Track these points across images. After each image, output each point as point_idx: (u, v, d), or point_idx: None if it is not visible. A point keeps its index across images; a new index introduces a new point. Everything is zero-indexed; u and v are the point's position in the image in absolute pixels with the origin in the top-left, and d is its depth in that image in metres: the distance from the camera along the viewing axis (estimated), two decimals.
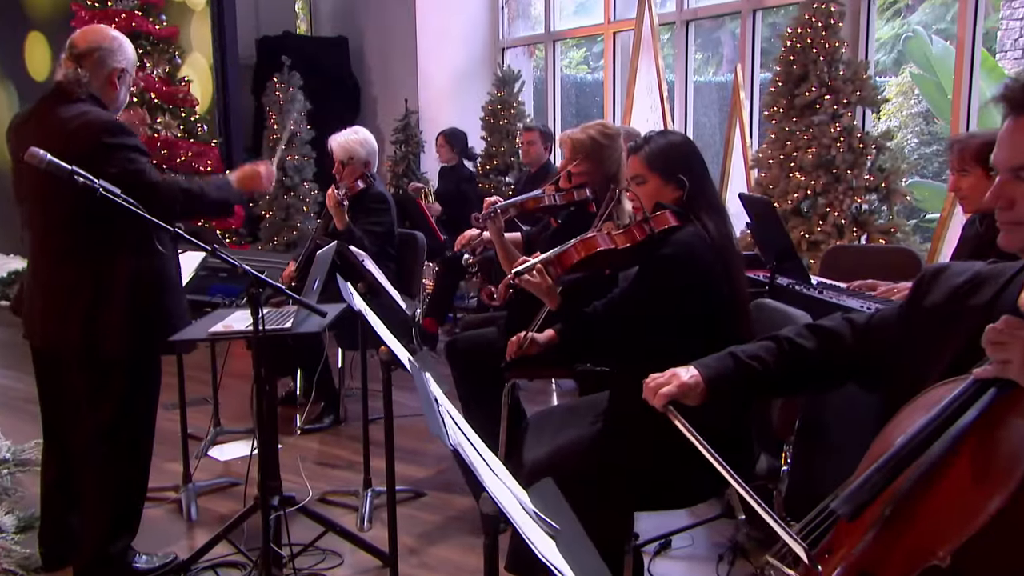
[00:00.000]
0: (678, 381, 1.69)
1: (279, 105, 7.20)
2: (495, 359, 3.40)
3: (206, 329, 2.53)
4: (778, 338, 1.74)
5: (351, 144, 4.41)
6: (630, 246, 2.39)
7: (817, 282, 3.33)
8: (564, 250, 2.40)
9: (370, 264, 3.05)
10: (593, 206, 3.27)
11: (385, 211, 4.40)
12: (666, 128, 6.06)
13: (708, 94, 8.83)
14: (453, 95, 8.01)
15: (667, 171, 2.42)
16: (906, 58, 9.02)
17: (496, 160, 7.30)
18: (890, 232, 4.45)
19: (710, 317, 2.31)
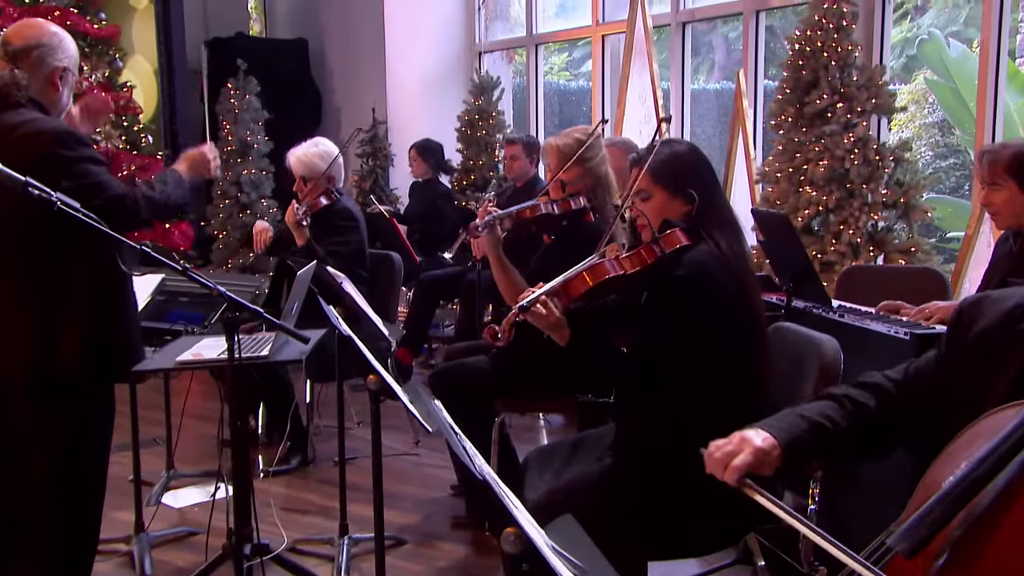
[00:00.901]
0: (751, 447, 1.64)
1: (234, 114, 7.22)
2: (484, 391, 3.45)
3: (173, 358, 2.54)
4: (835, 396, 1.75)
5: (310, 158, 4.45)
6: (640, 270, 2.43)
7: (838, 305, 3.39)
8: (569, 279, 2.43)
9: (349, 287, 3.08)
10: (590, 215, 3.35)
11: (352, 229, 4.43)
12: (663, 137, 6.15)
13: (705, 102, 8.97)
14: (425, 103, 8.08)
15: (674, 184, 2.47)
16: (919, 63, 9.21)
17: (473, 175, 7.37)
18: (910, 252, 4.54)
19: (726, 342, 2.36)
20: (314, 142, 4.52)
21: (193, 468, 4.33)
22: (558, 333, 2.49)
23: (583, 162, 3.36)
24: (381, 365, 2.41)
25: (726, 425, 2.32)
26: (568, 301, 2.45)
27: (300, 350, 2.53)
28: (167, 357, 2.58)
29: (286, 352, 2.57)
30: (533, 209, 3.36)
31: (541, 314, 2.44)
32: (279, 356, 2.54)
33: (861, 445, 1.73)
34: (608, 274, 2.42)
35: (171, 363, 2.50)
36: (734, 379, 2.38)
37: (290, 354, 2.55)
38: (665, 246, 2.42)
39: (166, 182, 2.85)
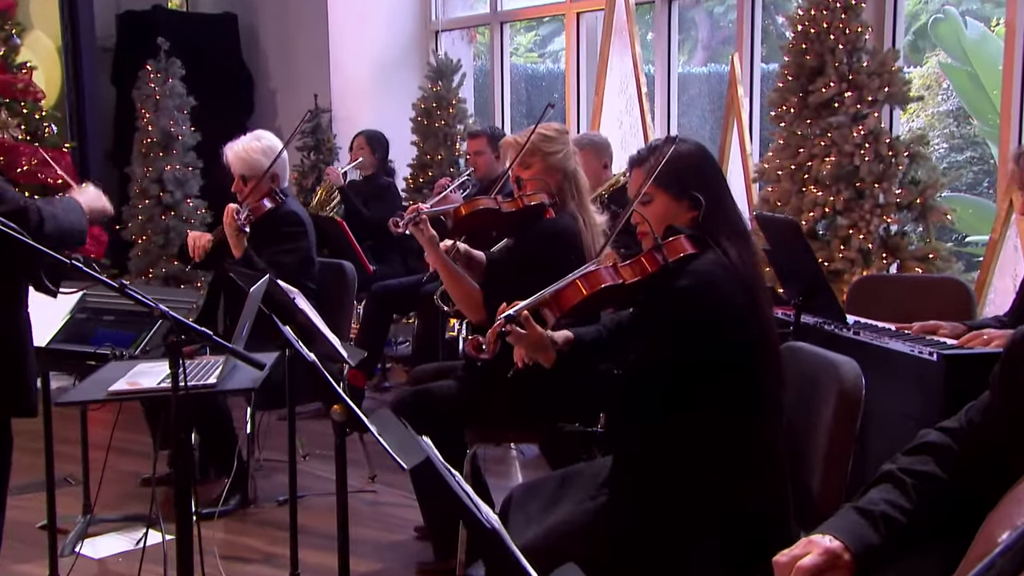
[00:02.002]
0: (820, 548, 1.63)
1: (154, 101, 7.17)
2: (454, 420, 3.48)
3: (104, 387, 2.53)
4: (894, 476, 1.74)
5: (251, 154, 4.42)
6: (640, 280, 2.48)
7: (853, 321, 3.46)
8: (561, 289, 2.46)
9: (303, 303, 3.09)
10: (551, 212, 3.41)
11: (300, 235, 4.42)
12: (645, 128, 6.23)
13: (692, 87, 9.07)
14: (375, 89, 8.09)
15: (678, 187, 2.52)
16: (930, 44, 9.39)
17: (431, 171, 7.38)
18: (927, 259, 4.65)
19: (736, 363, 2.41)
20: (255, 135, 4.50)
21: (114, 512, 4.29)
22: (543, 353, 2.52)
23: (545, 156, 3.44)
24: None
25: (737, 458, 2.38)
26: (559, 313, 2.48)
27: (253, 377, 2.53)
28: (97, 386, 2.58)
29: (236, 379, 2.58)
30: (472, 204, 3.42)
31: (521, 333, 2.46)
32: (229, 384, 2.54)
33: (941, 522, 1.72)
34: (604, 283, 2.46)
35: (102, 393, 2.50)
36: (745, 405, 2.42)
37: (241, 382, 2.56)
38: (668, 254, 2.47)
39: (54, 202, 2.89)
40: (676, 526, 2.39)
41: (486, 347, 2.43)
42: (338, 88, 8.08)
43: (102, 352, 3.18)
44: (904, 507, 1.68)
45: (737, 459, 2.40)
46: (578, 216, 3.42)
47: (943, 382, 2.85)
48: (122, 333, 3.30)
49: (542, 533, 2.47)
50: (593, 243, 3.38)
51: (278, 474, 4.75)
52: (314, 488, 4.56)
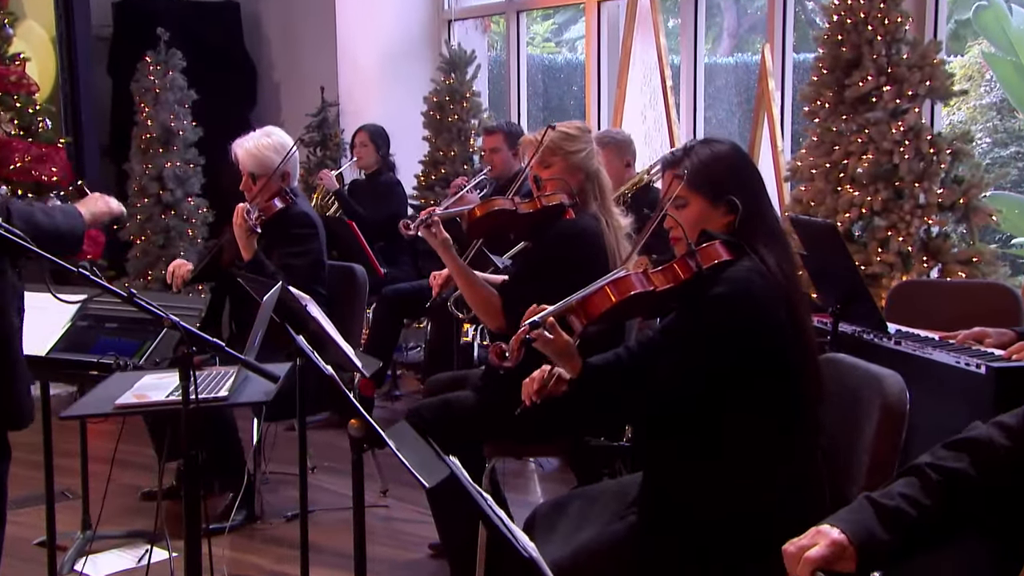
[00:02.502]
0: (827, 539, 1.73)
1: (153, 94, 7.21)
2: (472, 433, 3.49)
3: (111, 400, 2.56)
4: (921, 470, 1.79)
5: (262, 151, 4.45)
6: (672, 287, 2.49)
7: (895, 330, 3.47)
8: (589, 295, 2.48)
9: (315, 310, 3.11)
10: (571, 213, 3.44)
11: (311, 237, 4.45)
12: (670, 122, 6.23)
13: (718, 79, 9.06)
14: (385, 82, 8.11)
15: (714, 191, 2.53)
16: (972, 33, 9.37)
17: (443, 168, 7.40)
18: (971, 262, 4.64)
19: (773, 375, 2.42)
20: (265, 131, 4.53)
21: (115, 528, 4.32)
22: (568, 361, 2.54)
23: (566, 156, 3.46)
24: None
25: (773, 477, 2.39)
26: (586, 321, 2.50)
27: (265, 390, 2.56)
28: (103, 400, 2.60)
29: (248, 392, 2.60)
30: (488, 205, 3.44)
31: (548, 338, 2.49)
32: (241, 397, 2.57)
33: (967, 523, 1.76)
34: (634, 290, 2.47)
35: (109, 407, 2.52)
36: (782, 420, 2.43)
37: (253, 394, 2.58)
38: (702, 261, 2.48)
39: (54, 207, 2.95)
40: (709, 547, 2.40)
41: (509, 354, 2.45)
42: (346, 80, 8.11)
43: (105, 362, 3.20)
44: (922, 503, 1.73)
45: (774, 477, 2.41)
46: (600, 217, 3.43)
47: (993, 396, 2.84)
48: (125, 341, 3.33)
49: (569, 554, 2.48)
50: (617, 246, 3.40)
51: (285, 488, 4.79)
52: (323, 503, 4.59)
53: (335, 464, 5.12)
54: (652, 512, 2.51)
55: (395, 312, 6.22)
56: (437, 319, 5.98)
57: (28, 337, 3.07)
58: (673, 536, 2.43)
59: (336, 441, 5.42)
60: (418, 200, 7.42)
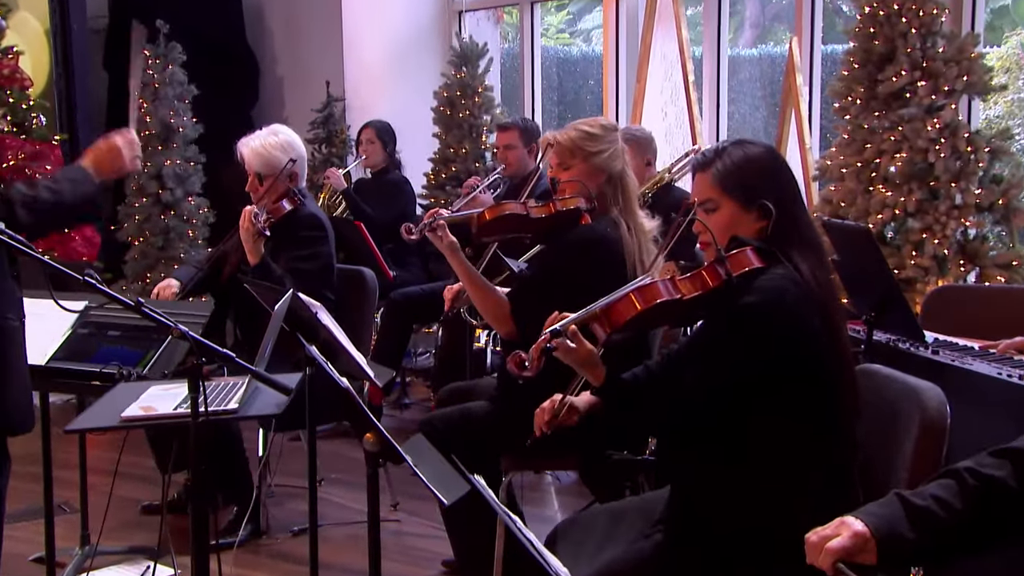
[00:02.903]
0: (850, 531, 1.79)
1: (152, 89, 7.23)
2: (488, 445, 3.50)
3: (116, 412, 2.57)
4: (959, 474, 1.82)
5: (269, 151, 4.46)
6: (700, 295, 2.50)
7: (932, 339, 3.47)
8: (613, 303, 2.50)
9: (326, 318, 3.12)
10: (587, 218, 3.44)
11: (320, 240, 4.46)
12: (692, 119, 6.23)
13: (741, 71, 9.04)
14: (393, 76, 8.11)
15: (747, 194, 2.54)
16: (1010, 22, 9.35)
17: (454, 166, 7.40)
18: (1011, 266, 4.63)
19: (807, 388, 2.43)
20: (272, 130, 4.54)
21: (115, 543, 4.33)
22: (591, 370, 2.55)
23: (587, 157, 3.46)
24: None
25: (806, 493, 2.40)
26: (610, 329, 2.51)
27: (277, 402, 2.57)
28: (108, 412, 2.62)
29: (259, 404, 2.62)
30: (498, 209, 3.45)
31: (569, 347, 2.50)
32: (252, 410, 2.58)
33: (990, 531, 1.78)
34: (661, 298, 2.48)
35: (115, 420, 2.54)
36: (815, 435, 2.44)
37: (264, 406, 2.60)
38: (732, 268, 2.48)
39: (59, 179, 2.94)
40: (736, 560, 2.41)
41: (529, 364, 2.46)
42: (352, 75, 8.12)
43: (108, 371, 3.22)
44: (953, 507, 1.77)
45: (807, 494, 2.42)
46: (620, 222, 3.42)
47: None
48: (128, 350, 3.34)
49: (594, 574, 2.49)
50: (641, 250, 3.40)
51: (292, 501, 4.80)
52: (330, 517, 4.60)
53: (343, 476, 5.14)
54: (678, 530, 2.52)
55: (404, 317, 6.23)
56: (448, 324, 5.99)
57: (28, 346, 3.09)
58: (699, 548, 2.44)
59: (343, 451, 5.44)
60: (427, 200, 7.44)
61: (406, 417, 6.38)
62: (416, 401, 6.68)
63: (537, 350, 2.46)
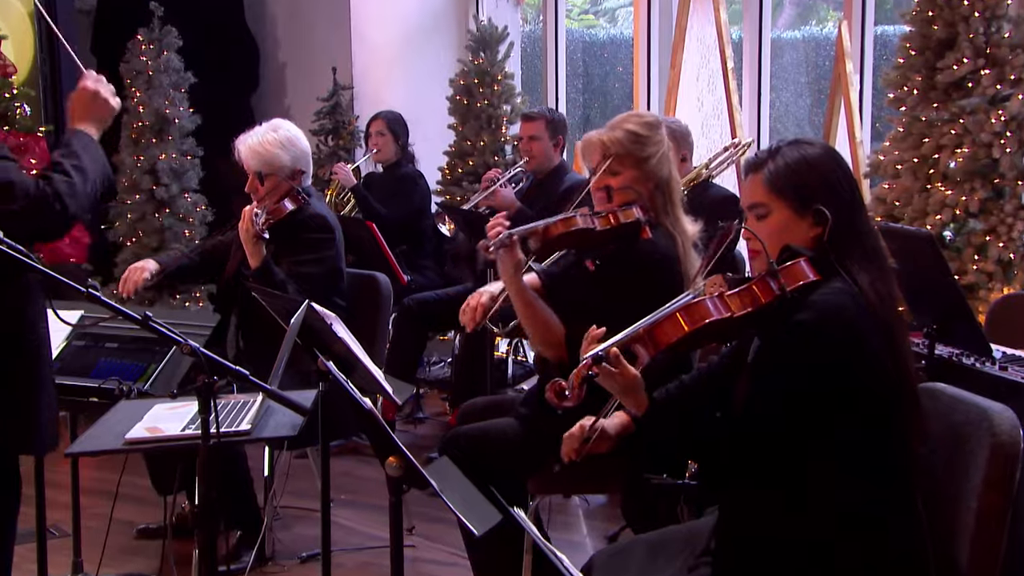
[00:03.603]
0: None
1: (146, 77, 7.24)
2: (514, 466, 3.51)
3: (120, 434, 2.59)
4: None
5: (268, 148, 4.46)
6: (750, 312, 2.50)
7: (1000, 354, 3.46)
8: (658, 323, 2.49)
9: (341, 329, 3.14)
10: (647, 231, 3.41)
11: (327, 242, 4.47)
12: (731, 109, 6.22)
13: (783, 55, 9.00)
14: (405, 63, 8.10)
15: (800, 198, 2.54)
16: None
17: (471, 159, 7.41)
18: None
19: (868, 413, 2.43)
20: (271, 125, 4.54)
21: (109, 570, 4.35)
22: (632, 397, 2.55)
23: (638, 162, 3.44)
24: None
25: (866, 526, 2.40)
26: (654, 352, 2.51)
27: (292, 423, 2.59)
28: (111, 433, 2.64)
29: (273, 424, 2.63)
30: (567, 223, 3.40)
31: (612, 372, 2.50)
32: (265, 431, 2.60)
33: None
34: (709, 317, 2.48)
35: (119, 442, 2.56)
36: (876, 462, 2.44)
37: (279, 427, 2.62)
38: (786, 281, 2.48)
39: (74, 151, 3.04)
40: None
41: (570, 393, 2.46)
42: (361, 61, 8.13)
43: (107, 387, 3.24)
44: None
45: (866, 526, 2.42)
46: (676, 236, 3.42)
47: None
48: (128, 364, 3.37)
49: None
50: (686, 256, 3.39)
51: (299, 525, 4.82)
52: (341, 542, 4.60)
53: (353, 497, 5.14)
54: (727, 564, 2.53)
55: (418, 324, 6.23)
56: (467, 333, 5.98)
57: None
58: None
59: (354, 470, 5.45)
60: (442, 196, 7.44)
61: (421, 432, 6.37)
62: (431, 415, 6.66)
63: (578, 377, 2.45)
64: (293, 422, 2.61)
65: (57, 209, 2.84)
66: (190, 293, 7.13)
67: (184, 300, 7.14)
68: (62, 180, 2.92)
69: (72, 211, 2.91)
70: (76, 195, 2.95)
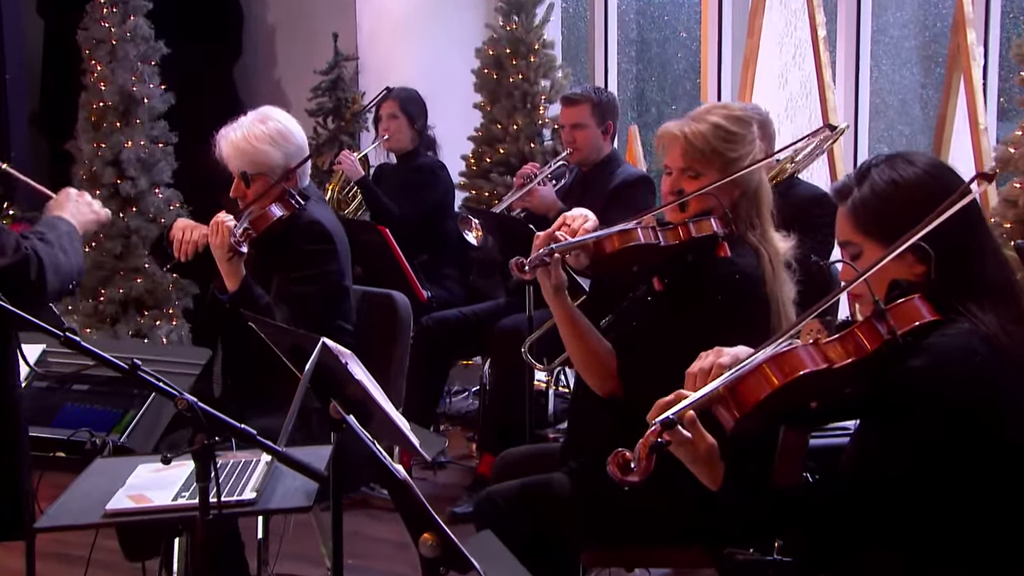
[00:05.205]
0: None
1: (109, 47, 7.28)
2: (566, 533, 3.54)
3: (99, 502, 2.65)
4: None
5: (255, 144, 4.39)
6: (855, 362, 2.51)
7: None
8: (743, 377, 2.50)
9: (358, 370, 3.17)
10: (725, 248, 3.42)
11: (326, 255, 4.41)
12: (822, 88, 6.23)
13: (888, 19, 8.97)
14: (421, 29, 8.08)
15: (888, 236, 2.55)
16: None
17: (502, 147, 7.43)
18: None
19: (1002, 472, 2.47)
20: (260, 115, 4.49)
21: None
22: (708, 469, 2.56)
23: (726, 165, 3.43)
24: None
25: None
26: (739, 414, 2.51)
27: (306, 491, 2.64)
28: (88, 502, 2.69)
29: (282, 491, 2.68)
30: (624, 237, 3.41)
31: (686, 439, 2.52)
32: (274, 500, 2.64)
33: None
34: (803, 368, 2.48)
35: (99, 514, 2.61)
36: (1015, 534, 2.48)
37: (289, 495, 2.66)
38: (897, 323, 2.49)
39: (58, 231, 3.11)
40: None
41: (636, 466, 2.44)
42: (368, 25, 8.15)
43: (77, 440, 3.28)
44: None
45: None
46: (762, 253, 3.43)
47: None
48: (100, 410, 3.38)
49: None
50: (774, 278, 3.40)
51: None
52: None
53: (363, 562, 5.16)
54: None
55: (439, 349, 6.23)
56: (500, 359, 5.97)
57: None
58: None
59: (364, 529, 5.47)
60: (466, 192, 7.44)
61: (442, 480, 6.33)
62: (454, 458, 6.59)
63: (645, 447, 2.43)
64: (306, 488, 2.65)
65: (32, 279, 2.90)
66: (162, 310, 7.14)
67: (155, 317, 7.13)
68: (45, 248, 2.99)
69: (48, 281, 2.95)
70: (58, 271, 3.01)
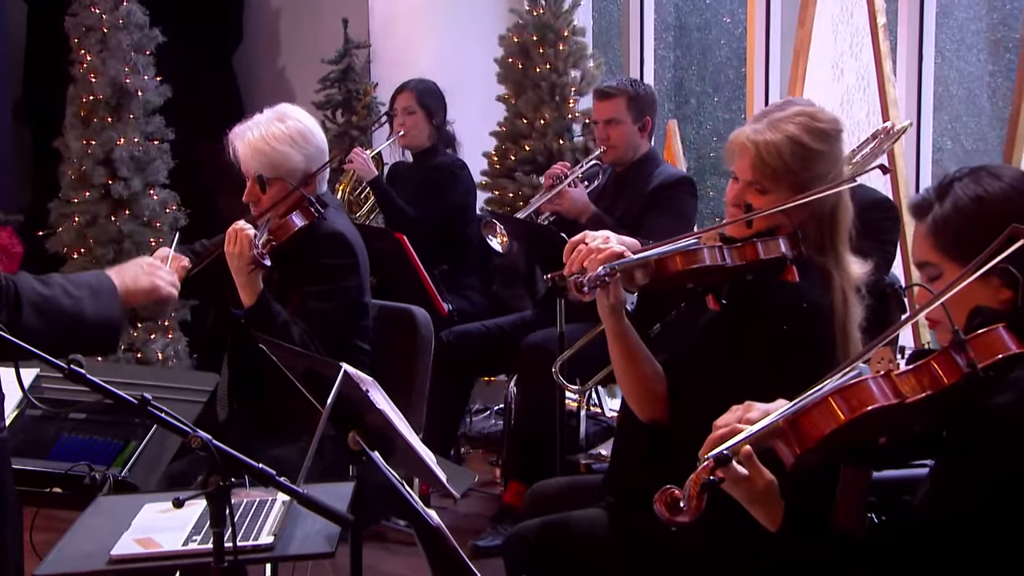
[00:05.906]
0: None
1: (100, 35, 7.30)
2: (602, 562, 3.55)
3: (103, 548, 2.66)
4: None
5: (274, 145, 4.38)
6: (930, 395, 2.50)
7: None
8: (804, 411, 2.49)
9: (380, 399, 3.18)
10: (793, 272, 3.40)
11: (347, 269, 4.41)
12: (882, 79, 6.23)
13: (957, 8, 8.95)
14: (440, 14, 8.13)
15: (970, 256, 2.54)
16: None
17: (528, 144, 7.44)
18: None
19: None
20: (278, 113, 4.50)
21: None
22: (766, 509, 2.57)
23: (801, 185, 3.38)
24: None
25: None
26: (800, 450, 2.50)
27: (327, 535, 2.65)
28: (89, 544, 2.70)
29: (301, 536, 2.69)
30: (688, 257, 3.40)
31: (741, 476, 2.52)
32: (293, 546, 2.65)
33: None
34: (873, 403, 2.47)
35: (103, 560, 2.62)
36: None
37: (310, 540, 2.66)
38: (977, 355, 2.47)
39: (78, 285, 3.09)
40: None
41: (686, 505, 2.44)
42: (381, 10, 8.19)
43: (75, 474, 3.28)
44: None
45: None
46: (835, 277, 3.41)
47: None
48: (100, 441, 3.39)
49: None
50: (844, 305, 3.38)
51: None
52: None
53: None
54: None
55: (461, 365, 6.25)
56: (528, 376, 5.98)
57: None
58: None
59: (380, 564, 5.48)
60: (489, 192, 7.45)
61: (463, 510, 6.33)
62: (476, 486, 6.56)
63: (696, 485, 2.43)
64: (328, 531, 2.67)
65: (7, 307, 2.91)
66: (157, 322, 7.15)
67: (149, 331, 7.15)
68: (36, 287, 2.99)
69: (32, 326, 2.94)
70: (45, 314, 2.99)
